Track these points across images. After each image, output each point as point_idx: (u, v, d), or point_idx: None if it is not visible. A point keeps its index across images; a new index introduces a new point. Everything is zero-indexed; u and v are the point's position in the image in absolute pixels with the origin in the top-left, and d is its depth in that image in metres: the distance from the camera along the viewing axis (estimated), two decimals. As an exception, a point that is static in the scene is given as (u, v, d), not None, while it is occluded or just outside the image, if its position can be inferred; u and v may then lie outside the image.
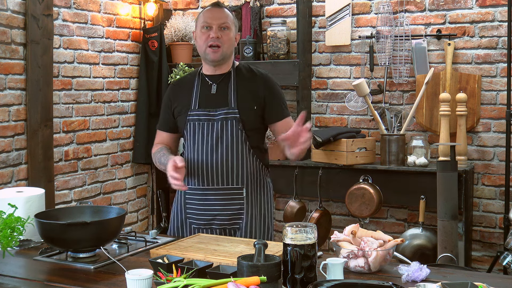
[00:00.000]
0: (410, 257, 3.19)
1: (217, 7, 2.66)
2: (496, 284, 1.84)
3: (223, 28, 2.59)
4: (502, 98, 3.95)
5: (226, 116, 2.57)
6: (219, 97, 2.61)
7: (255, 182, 2.65)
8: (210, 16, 2.61)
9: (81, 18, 4.08)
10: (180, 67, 4.43)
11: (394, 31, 4.15)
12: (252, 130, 2.61)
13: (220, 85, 2.63)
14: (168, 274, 1.82)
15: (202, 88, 2.66)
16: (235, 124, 2.57)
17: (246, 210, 2.61)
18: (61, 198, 3.96)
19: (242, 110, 2.58)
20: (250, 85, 2.64)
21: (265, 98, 2.62)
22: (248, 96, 2.61)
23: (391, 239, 2.08)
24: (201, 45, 2.61)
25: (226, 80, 2.64)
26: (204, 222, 2.63)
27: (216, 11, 2.63)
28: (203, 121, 2.60)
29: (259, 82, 2.65)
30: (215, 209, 2.61)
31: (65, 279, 1.98)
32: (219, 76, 2.65)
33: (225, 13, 2.63)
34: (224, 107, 2.58)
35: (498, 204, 4.01)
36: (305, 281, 1.80)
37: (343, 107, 4.38)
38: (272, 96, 2.64)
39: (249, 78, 2.65)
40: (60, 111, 3.94)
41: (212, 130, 2.58)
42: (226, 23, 2.59)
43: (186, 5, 4.87)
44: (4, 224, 2.06)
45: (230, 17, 2.64)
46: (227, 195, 2.60)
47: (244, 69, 2.69)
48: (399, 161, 3.92)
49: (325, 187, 4.09)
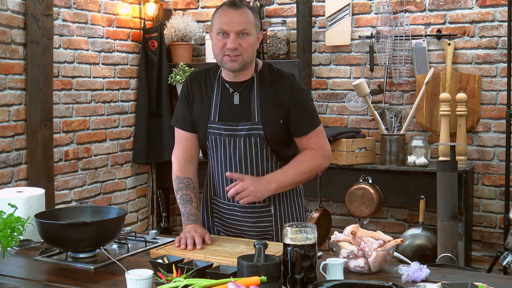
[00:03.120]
0: (410, 257, 3.21)
1: (235, 8, 2.28)
2: (496, 284, 1.84)
3: (242, 34, 2.27)
4: (502, 98, 3.95)
5: (249, 132, 2.33)
6: (242, 109, 2.35)
7: (284, 197, 2.47)
8: (226, 22, 2.26)
9: (81, 18, 4.08)
10: (180, 67, 4.43)
11: (394, 31, 4.15)
12: (278, 144, 2.39)
13: (242, 94, 2.36)
14: (168, 274, 1.82)
15: (222, 96, 2.38)
16: (259, 141, 2.34)
17: (275, 227, 2.45)
18: (61, 198, 3.96)
19: (266, 125, 2.33)
20: (274, 92, 2.35)
21: (290, 108, 2.34)
22: (273, 107, 2.34)
23: (391, 239, 2.08)
24: (217, 53, 2.31)
25: (249, 87, 2.36)
26: (233, 234, 2.49)
27: (233, 15, 2.27)
28: (224, 136, 2.36)
29: (283, 89, 2.35)
30: (243, 225, 2.46)
31: (65, 279, 1.98)
32: (241, 83, 2.37)
33: (244, 17, 2.27)
34: (247, 121, 2.33)
35: (498, 204, 4.01)
36: (305, 281, 1.80)
37: (343, 107, 4.38)
38: (298, 106, 2.36)
39: (272, 84, 2.36)
40: (60, 111, 3.94)
41: (235, 147, 2.36)
42: (245, 29, 2.26)
43: (186, 5, 4.87)
44: (4, 224, 2.06)
45: (250, 19, 2.29)
46: (255, 213, 2.43)
47: (268, 72, 2.40)
48: (399, 161, 3.92)
49: (325, 187, 4.09)
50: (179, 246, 2.22)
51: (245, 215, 2.44)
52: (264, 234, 2.46)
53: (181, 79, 4.38)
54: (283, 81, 2.38)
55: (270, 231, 2.46)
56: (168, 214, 4.78)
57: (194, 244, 2.21)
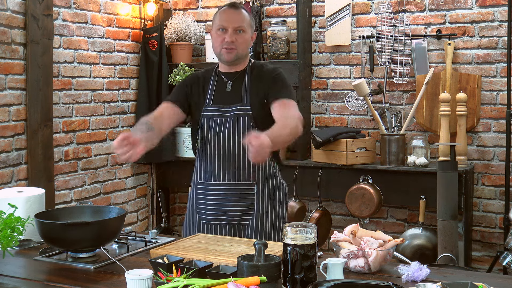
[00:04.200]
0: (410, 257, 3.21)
1: (234, 9, 2.65)
2: (496, 284, 1.84)
3: (238, 31, 2.60)
4: (502, 98, 3.95)
5: (238, 112, 2.59)
6: (233, 94, 2.63)
7: (267, 180, 2.65)
8: (226, 19, 2.61)
9: (81, 18, 4.08)
10: (180, 67, 4.43)
11: (394, 31, 4.15)
12: (264, 126, 2.52)
13: (235, 82, 2.66)
14: (168, 274, 1.82)
15: (217, 85, 2.68)
16: (247, 120, 2.58)
17: (256, 207, 2.61)
18: (61, 198, 3.96)
19: (254, 106, 2.59)
20: (260, 80, 2.65)
21: (269, 86, 2.61)
22: (260, 92, 2.62)
23: (391, 239, 2.08)
24: (216, 47, 2.64)
25: (241, 77, 2.66)
26: (214, 218, 2.64)
27: (232, 13, 2.63)
28: (216, 117, 2.61)
29: (267, 75, 2.65)
30: (225, 204, 2.62)
31: (65, 279, 1.98)
32: (235, 74, 2.67)
33: (241, 15, 2.63)
34: (237, 103, 2.60)
35: (498, 204, 4.01)
36: (305, 281, 1.80)
37: (343, 107, 4.38)
38: (275, 81, 2.63)
39: (260, 75, 2.66)
40: (60, 111, 3.94)
41: (224, 126, 2.60)
42: (241, 26, 2.60)
43: (186, 5, 4.87)
44: (4, 224, 2.06)
45: (247, 19, 2.64)
46: (238, 191, 2.61)
47: (257, 67, 2.71)
48: (399, 161, 3.92)
49: (325, 187, 4.09)
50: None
51: (229, 193, 2.60)
52: (245, 214, 2.60)
53: (181, 79, 4.38)
54: (267, 70, 2.68)
55: (252, 210, 2.59)
56: (168, 214, 4.78)
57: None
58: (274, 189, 2.69)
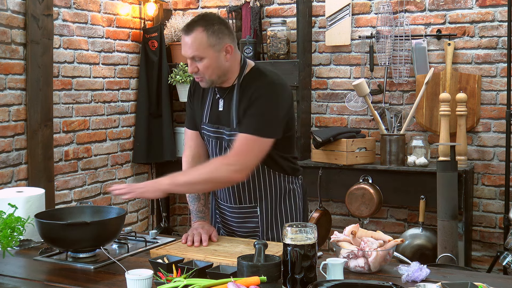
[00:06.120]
0: (410, 257, 3.20)
1: (185, 34, 2.29)
2: (496, 284, 1.84)
3: (195, 59, 2.29)
4: (502, 98, 3.95)
5: (230, 137, 2.36)
6: (225, 115, 2.39)
7: (273, 199, 2.47)
8: (182, 47, 2.32)
9: (81, 18, 4.08)
10: (180, 67, 4.43)
11: (394, 31, 4.15)
12: None
13: (225, 100, 2.40)
14: (168, 274, 1.82)
15: (213, 102, 2.44)
16: None
17: (261, 228, 2.48)
18: (61, 198, 3.96)
19: None
20: (243, 100, 2.35)
21: (244, 111, 2.32)
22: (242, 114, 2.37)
23: (391, 239, 2.08)
24: None
25: (230, 94, 2.38)
26: (226, 233, 2.57)
27: (186, 41, 2.29)
28: (212, 138, 2.44)
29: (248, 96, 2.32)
30: (231, 224, 2.53)
31: (65, 279, 1.98)
32: (225, 89, 2.40)
33: (195, 42, 2.26)
34: (228, 127, 2.38)
35: (498, 204, 4.01)
36: (305, 281, 1.80)
37: (343, 107, 4.38)
38: (249, 106, 2.31)
39: (245, 93, 2.35)
40: (60, 111, 3.94)
41: (220, 148, 2.42)
42: (196, 55, 2.27)
43: (186, 5, 4.87)
44: (4, 224, 2.06)
45: (202, 42, 2.26)
46: (241, 214, 2.49)
47: (252, 76, 2.38)
48: (399, 161, 3.92)
49: (325, 187, 4.09)
50: (185, 242, 2.28)
51: (233, 214, 2.51)
52: (252, 234, 2.50)
53: (181, 79, 4.38)
54: (254, 86, 2.33)
55: (257, 232, 2.49)
56: (168, 214, 4.79)
57: (201, 241, 2.28)
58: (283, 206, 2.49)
